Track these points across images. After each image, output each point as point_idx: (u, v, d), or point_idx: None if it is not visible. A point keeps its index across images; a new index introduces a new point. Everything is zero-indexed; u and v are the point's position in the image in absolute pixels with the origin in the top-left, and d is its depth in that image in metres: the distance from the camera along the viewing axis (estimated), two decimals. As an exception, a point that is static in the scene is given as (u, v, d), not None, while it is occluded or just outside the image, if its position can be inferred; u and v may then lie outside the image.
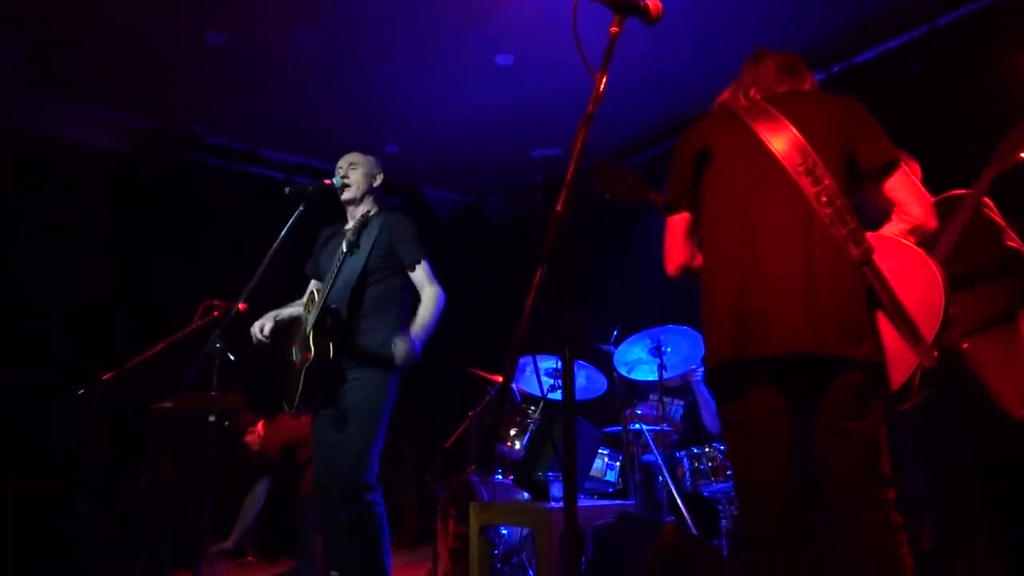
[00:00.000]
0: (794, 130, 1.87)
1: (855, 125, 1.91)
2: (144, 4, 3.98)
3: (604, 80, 1.53)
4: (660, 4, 1.66)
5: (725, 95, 2.11)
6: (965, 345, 2.41)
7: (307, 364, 2.80)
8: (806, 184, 1.82)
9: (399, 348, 2.82)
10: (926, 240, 1.90)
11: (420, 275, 2.99)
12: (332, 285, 2.90)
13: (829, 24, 4.18)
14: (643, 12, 1.64)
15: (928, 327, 1.77)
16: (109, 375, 3.66)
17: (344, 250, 2.92)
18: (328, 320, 2.85)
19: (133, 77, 4.68)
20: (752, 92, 2.04)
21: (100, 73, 4.62)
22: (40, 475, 4.25)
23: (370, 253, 2.93)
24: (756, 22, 4.09)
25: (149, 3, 3.98)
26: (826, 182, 1.81)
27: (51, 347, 4.43)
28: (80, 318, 4.59)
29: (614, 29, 1.60)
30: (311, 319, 2.86)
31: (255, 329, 3.02)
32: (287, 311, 3.13)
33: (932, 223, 1.88)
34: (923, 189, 1.91)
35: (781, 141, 1.88)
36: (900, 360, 1.78)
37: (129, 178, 5.01)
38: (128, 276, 4.88)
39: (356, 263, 2.92)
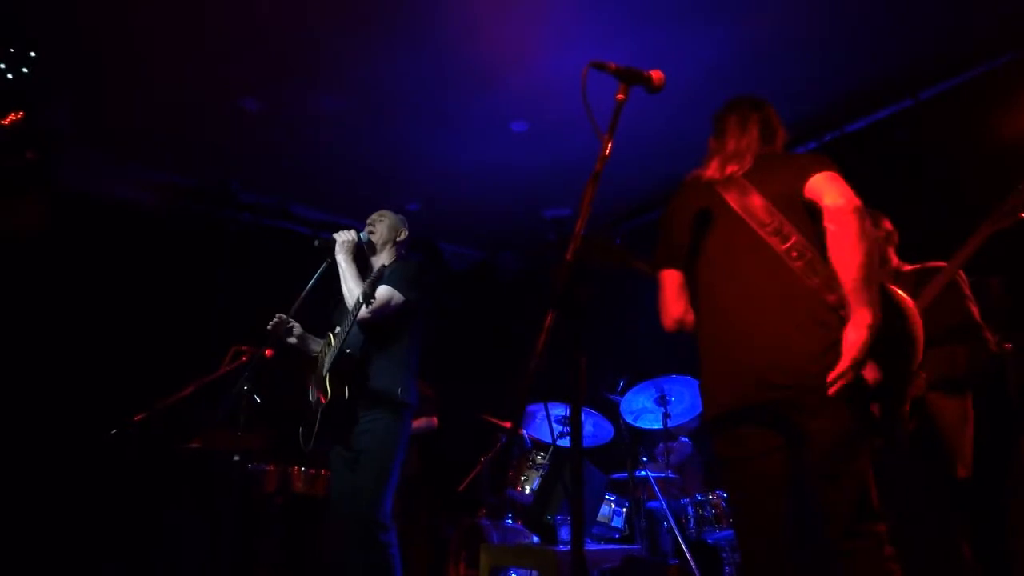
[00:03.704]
0: (759, 195, 2.03)
1: (805, 170, 2.02)
2: (186, 73, 4.32)
3: (610, 142, 1.68)
4: (662, 74, 1.83)
5: (712, 167, 2.18)
6: (928, 395, 2.55)
7: (323, 406, 2.92)
8: (775, 243, 1.97)
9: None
10: (858, 223, 1.86)
11: (382, 289, 2.99)
12: (348, 331, 3.03)
13: (823, 96, 4.46)
14: (646, 81, 1.82)
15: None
16: (141, 416, 3.84)
17: (360, 300, 3.00)
18: (343, 364, 2.99)
19: (174, 139, 5.01)
20: (729, 168, 2.13)
21: (143, 135, 4.95)
22: (70, 512, 4.39)
23: None
24: (752, 91, 4.37)
25: (190, 72, 4.32)
26: (793, 239, 1.95)
27: (87, 389, 4.63)
28: (117, 362, 4.80)
29: (620, 96, 1.77)
30: (327, 362, 3.00)
31: (282, 324, 3.14)
32: (310, 341, 3.29)
33: (854, 201, 1.89)
34: (846, 185, 1.94)
35: (749, 206, 2.04)
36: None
37: (167, 232, 5.29)
38: (163, 322, 5.10)
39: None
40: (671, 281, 2.21)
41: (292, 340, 3.27)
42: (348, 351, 3.05)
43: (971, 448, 2.54)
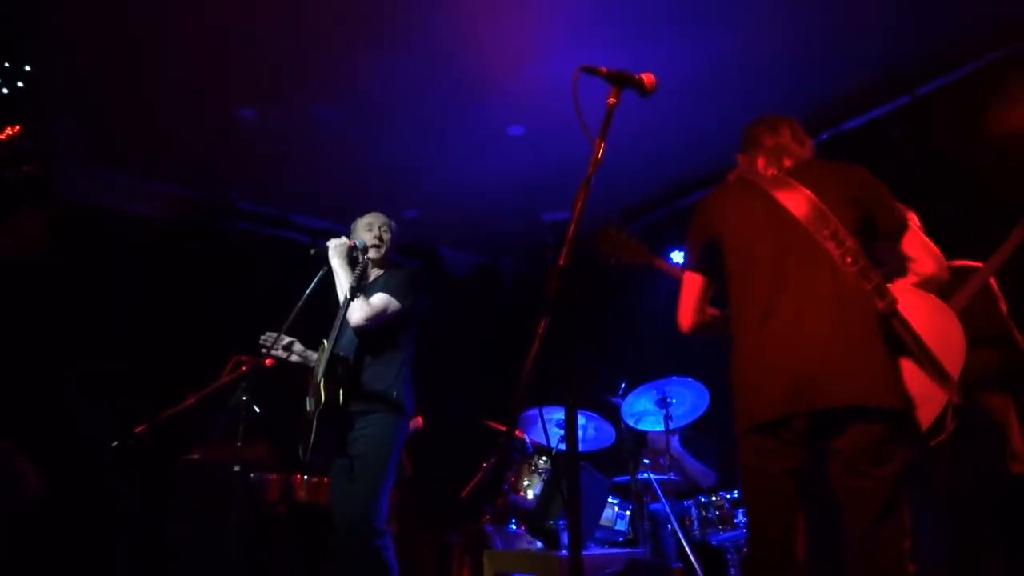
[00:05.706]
0: (814, 197, 1.99)
1: (869, 191, 2.05)
2: (183, 83, 4.33)
3: (602, 146, 1.68)
4: (653, 77, 1.83)
5: (759, 163, 2.16)
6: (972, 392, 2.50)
7: (318, 411, 2.90)
8: (831, 247, 1.94)
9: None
10: (936, 291, 2.03)
11: (378, 297, 3.01)
12: (340, 335, 3.02)
13: (819, 94, 4.45)
14: (638, 84, 1.81)
15: (953, 365, 1.90)
16: (142, 427, 3.84)
17: (348, 298, 2.97)
18: (338, 368, 2.98)
19: (173, 149, 5.02)
20: (785, 162, 2.13)
21: (142, 146, 4.97)
22: (75, 527, 4.39)
23: None
24: (750, 91, 4.37)
25: (187, 82, 4.32)
26: (848, 243, 1.93)
27: (88, 399, 4.64)
28: (118, 372, 4.81)
29: (611, 100, 1.78)
30: (321, 368, 2.98)
31: (273, 341, 3.11)
32: (311, 355, 3.28)
33: (945, 275, 2.03)
34: (933, 245, 2.05)
35: (803, 208, 1.99)
36: (929, 399, 1.89)
37: (168, 242, 5.29)
38: (165, 332, 5.10)
39: None
40: (698, 283, 2.17)
41: (294, 358, 3.25)
42: (341, 354, 3.03)
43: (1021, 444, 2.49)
